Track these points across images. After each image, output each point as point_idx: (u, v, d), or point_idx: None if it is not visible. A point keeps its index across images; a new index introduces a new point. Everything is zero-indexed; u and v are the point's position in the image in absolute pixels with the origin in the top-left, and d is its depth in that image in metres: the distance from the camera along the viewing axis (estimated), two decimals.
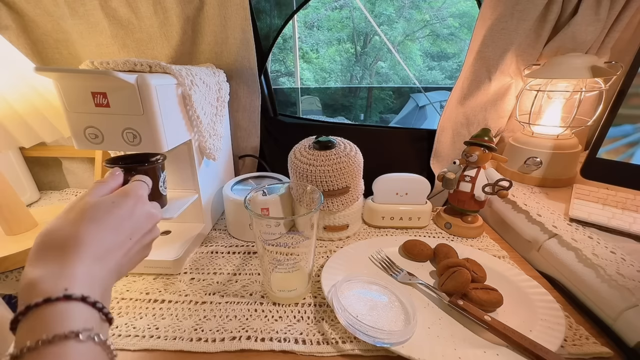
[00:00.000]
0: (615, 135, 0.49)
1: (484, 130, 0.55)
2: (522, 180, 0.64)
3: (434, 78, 5.32)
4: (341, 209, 0.53)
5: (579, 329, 0.37)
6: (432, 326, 0.37)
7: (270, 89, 0.80)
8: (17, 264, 0.48)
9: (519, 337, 0.32)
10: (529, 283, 0.43)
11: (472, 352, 0.33)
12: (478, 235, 0.57)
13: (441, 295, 0.39)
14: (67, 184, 0.81)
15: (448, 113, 0.71)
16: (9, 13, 0.58)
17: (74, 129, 0.39)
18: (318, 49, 5.34)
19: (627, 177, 0.49)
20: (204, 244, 0.55)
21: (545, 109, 0.65)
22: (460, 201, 0.57)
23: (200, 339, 0.36)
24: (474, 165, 0.55)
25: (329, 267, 0.45)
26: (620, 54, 0.62)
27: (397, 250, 0.51)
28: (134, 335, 0.36)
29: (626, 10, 0.55)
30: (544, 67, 0.60)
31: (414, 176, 0.57)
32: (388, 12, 5.11)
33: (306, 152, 0.51)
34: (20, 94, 0.45)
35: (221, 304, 0.41)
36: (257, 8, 0.68)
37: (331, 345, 0.35)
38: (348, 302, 0.37)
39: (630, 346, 0.34)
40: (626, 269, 0.39)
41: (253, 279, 0.46)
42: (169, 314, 0.39)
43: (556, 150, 0.60)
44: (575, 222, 0.49)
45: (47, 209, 0.60)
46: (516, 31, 0.60)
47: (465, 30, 4.93)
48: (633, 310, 0.35)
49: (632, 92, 0.47)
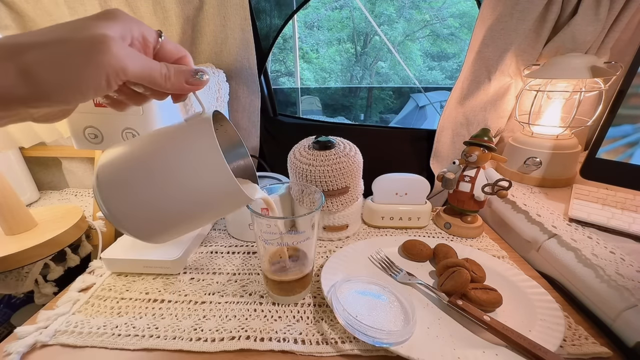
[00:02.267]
0: (615, 135, 0.49)
1: (484, 130, 0.55)
2: (521, 180, 0.64)
3: (434, 78, 5.31)
4: (341, 209, 0.53)
5: (578, 329, 0.37)
6: (431, 326, 0.37)
7: (270, 89, 0.80)
8: (17, 263, 0.48)
9: (518, 337, 0.33)
10: (529, 283, 0.43)
11: (471, 352, 0.33)
12: (477, 235, 0.57)
13: (440, 295, 0.39)
14: (67, 184, 0.81)
15: (448, 113, 0.71)
16: (9, 13, 0.58)
17: (73, 129, 0.40)
18: (318, 49, 5.34)
19: (627, 177, 0.49)
20: (204, 244, 0.55)
21: (545, 109, 0.65)
22: (459, 201, 0.57)
23: (200, 338, 0.36)
24: (474, 165, 0.55)
25: (329, 267, 0.45)
26: (620, 54, 0.62)
27: (396, 250, 0.51)
28: (134, 335, 0.36)
29: (626, 10, 0.55)
30: (543, 67, 0.60)
31: (414, 176, 0.57)
32: (388, 12, 5.11)
33: (306, 152, 0.51)
34: None
35: (221, 303, 0.41)
36: (257, 8, 0.68)
37: (330, 345, 0.35)
38: (347, 302, 0.37)
39: (629, 346, 0.34)
40: (625, 269, 0.39)
41: (252, 279, 0.46)
42: (168, 313, 0.39)
43: (556, 150, 0.60)
44: (574, 222, 0.49)
45: (47, 209, 0.60)
46: (516, 31, 0.60)
47: (465, 30, 4.93)
48: (632, 310, 0.35)
49: (632, 92, 0.47)
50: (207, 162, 0.24)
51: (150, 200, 0.24)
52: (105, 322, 0.38)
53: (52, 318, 0.38)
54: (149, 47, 0.23)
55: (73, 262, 0.58)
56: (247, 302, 0.41)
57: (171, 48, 0.24)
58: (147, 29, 0.22)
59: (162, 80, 0.23)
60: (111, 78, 0.19)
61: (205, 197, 0.25)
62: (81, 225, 0.57)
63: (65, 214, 0.58)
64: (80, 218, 0.57)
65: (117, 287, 0.44)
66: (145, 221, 0.25)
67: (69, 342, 0.35)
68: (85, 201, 0.74)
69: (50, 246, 0.51)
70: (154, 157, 0.25)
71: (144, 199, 0.24)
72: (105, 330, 0.37)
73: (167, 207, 0.25)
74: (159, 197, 0.24)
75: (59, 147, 0.74)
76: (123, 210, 0.24)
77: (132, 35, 0.21)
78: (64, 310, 0.39)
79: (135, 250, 0.48)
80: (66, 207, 0.61)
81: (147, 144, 0.26)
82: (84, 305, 0.41)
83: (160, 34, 0.24)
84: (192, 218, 0.26)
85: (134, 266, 0.46)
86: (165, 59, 0.24)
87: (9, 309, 0.64)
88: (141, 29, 0.22)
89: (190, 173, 0.24)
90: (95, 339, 0.36)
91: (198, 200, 0.25)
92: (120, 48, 0.20)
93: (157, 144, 0.25)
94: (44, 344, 0.35)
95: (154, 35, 0.23)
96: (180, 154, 0.24)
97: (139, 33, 0.22)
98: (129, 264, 0.46)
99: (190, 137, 0.25)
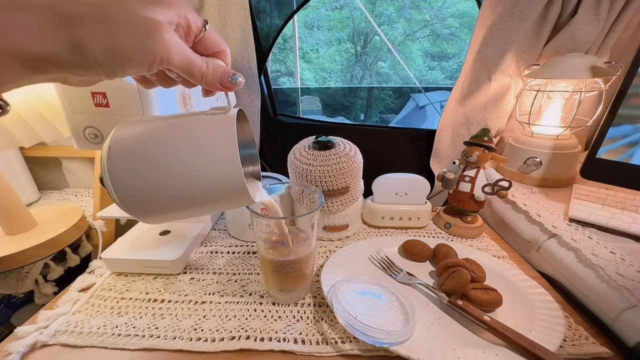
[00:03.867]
0: (615, 135, 0.49)
1: (484, 130, 0.55)
2: (521, 181, 0.64)
3: (434, 78, 5.31)
4: (341, 209, 0.53)
5: (578, 329, 0.37)
6: (431, 326, 0.37)
7: (270, 89, 0.80)
8: (17, 263, 0.48)
9: (518, 337, 0.32)
10: (529, 283, 0.43)
11: (471, 352, 0.33)
12: (477, 236, 0.57)
13: (440, 295, 0.39)
14: (67, 184, 0.81)
15: (448, 113, 0.71)
16: None
17: (73, 129, 0.39)
18: (318, 49, 5.34)
19: (627, 177, 0.49)
20: (204, 244, 0.55)
21: (545, 109, 0.65)
22: (459, 201, 0.57)
23: (200, 338, 0.36)
24: (474, 165, 0.55)
25: (329, 267, 0.45)
26: (620, 54, 0.62)
27: (396, 250, 0.51)
28: (134, 335, 0.36)
29: (626, 10, 0.55)
30: (543, 67, 0.60)
31: (414, 176, 0.57)
32: (388, 12, 5.11)
33: (306, 152, 0.51)
34: (20, 94, 0.45)
35: (221, 303, 0.41)
36: (257, 8, 0.68)
37: (330, 345, 0.35)
38: (347, 302, 0.37)
39: (629, 346, 0.34)
40: (625, 269, 0.39)
41: (252, 278, 0.46)
42: (168, 313, 0.39)
43: (556, 150, 0.60)
44: (574, 222, 0.49)
45: (47, 209, 0.60)
46: (516, 31, 0.60)
47: (466, 30, 4.93)
48: (632, 310, 0.35)
49: (632, 92, 0.47)
50: (222, 159, 0.24)
51: (157, 181, 0.25)
52: (105, 322, 0.38)
53: (52, 318, 0.38)
54: (190, 35, 0.23)
55: (73, 262, 0.58)
56: (247, 302, 0.41)
57: (212, 40, 0.25)
58: (194, 17, 0.23)
59: (199, 76, 0.23)
60: (155, 64, 0.20)
61: (211, 190, 0.25)
62: (81, 225, 0.57)
63: (65, 214, 0.58)
64: (80, 218, 0.57)
65: (117, 287, 0.44)
66: (146, 200, 0.26)
67: (69, 342, 0.35)
68: (85, 201, 0.74)
69: (50, 246, 0.51)
70: (171, 142, 0.25)
71: (152, 179, 0.25)
72: (105, 330, 0.37)
73: (172, 193, 0.25)
74: (167, 181, 0.25)
75: (59, 147, 0.74)
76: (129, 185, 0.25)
77: (179, 21, 0.21)
78: (64, 310, 0.39)
79: (135, 250, 0.48)
80: (66, 207, 0.61)
81: (166, 127, 0.26)
82: (84, 305, 0.41)
83: (205, 24, 0.24)
84: (192, 207, 0.27)
85: (134, 266, 0.46)
86: (204, 48, 0.25)
87: (9, 308, 0.64)
88: (189, 16, 0.22)
89: (203, 165, 0.25)
90: (96, 338, 0.36)
91: (203, 192, 0.25)
92: (170, 37, 0.20)
93: (176, 129, 0.26)
94: (44, 344, 0.35)
95: (199, 25, 0.23)
96: (198, 145, 0.25)
97: (186, 20, 0.22)
98: (129, 264, 0.46)
99: (211, 130, 0.25)
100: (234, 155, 0.24)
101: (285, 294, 0.41)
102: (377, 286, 0.41)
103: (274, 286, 0.41)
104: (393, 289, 0.40)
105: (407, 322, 0.35)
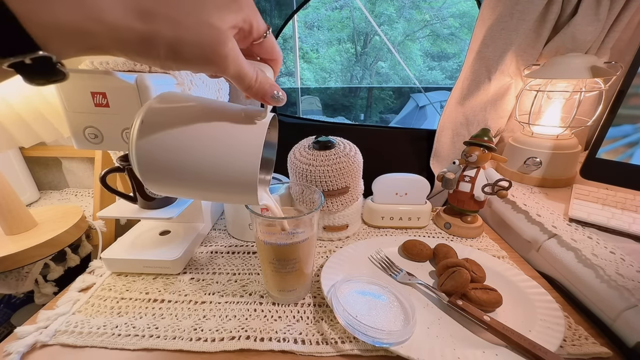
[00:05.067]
0: (615, 135, 0.49)
1: (484, 130, 0.55)
2: (521, 181, 0.64)
3: (434, 78, 5.32)
4: (341, 209, 0.53)
5: (578, 329, 0.37)
6: (431, 326, 0.37)
7: None
8: (17, 263, 0.48)
9: (518, 337, 0.33)
10: (529, 283, 0.43)
11: (471, 352, 0.33)
12: (477, 236, 0.57)
13: (440, 296, 0.39)
14: (67, 184, 0.81)
15: (448, 113, 0.71)
16: None
17: (73, 129, 0.39)
18: (318, 49, 5.34)
19: (627, 177, 0.49)
20: (204, 244, 0.55)
21: (545, 109, 0.65)
22: (459, 201, 0.57)
23: (200, 338, 0.36)
24: (474, 165, 0.55)
25: (329, 267, 0.45)
26: (620, 54, 0.62)
27: (396, 250, 0.51)
28: (134, 335, 0.36)
29: (626, 10, 0.55)
30: (543, 67, 0.60)
31: (414, 176, 0.57)
32: (388, 12, 5.11)
33: (306, 152, 0.51)
34: (20, 94, 0.45)
35: (220, 303, 0.41)
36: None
37: (330, 345, 0.35)
38: (347, 302, 0.37)
39: (629, 346, 0.34)
40: (625, 269, 0.39)
41: (252, 278, 0.46)
42: (168, 313, 0.39)
43: (556, 150, 0.60)
44: (574, 222, 0.49)
45: (47, 209, 0.60)
46: (516, 31, 0.60)
47: (466, 30, 4.93)
48: (632, 310, 0.35)
49: (632, 92, 0.47)
50: (244, 162, 0.26)
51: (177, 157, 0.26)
52: (105, 322, 0.38)
53: (52, 318, 0.38)
54: (249, 39, 0.23)
55: (73, 262, 0.58)
56: (247, 302, 0.41)
57: (269, 46, 0.25)
58: (258, 23, 0.23)
59: (247, 86, 0.24)
60: (210, 71, 0.22)
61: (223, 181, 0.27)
62: (81, 225, 0.57)
63: (65, 214, 0.58)
64: (80, 218, 0.57)
65: (117, 287, 0.44)
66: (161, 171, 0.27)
67: (69, 342, 0.35)
68: (85, 201, 0.74)
69: (50, 246, 0.51)
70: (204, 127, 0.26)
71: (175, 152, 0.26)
72: (105, 330, 0.37)
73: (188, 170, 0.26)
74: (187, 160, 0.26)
75: (59, 147, 0.74)
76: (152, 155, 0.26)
77: (244, 26, 0.22)
78: (64, 310, 0.39)
79: (135, 250, 0.48)
80: (66, 207, 0.61)
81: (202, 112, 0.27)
82: (84, 305, 0.41)
83: (267, 30, 0.24)
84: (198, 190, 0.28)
85: (134, 266, 0.46)
86: (259, 53, 0.25)
87: (9, 309, 0.64)
88: (253, 22, 0.22)
89: (224, 161, 0.26)
90: (95, 338, 0.36)
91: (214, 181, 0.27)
92: (230, 50, 0.21)
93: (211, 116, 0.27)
94: (44, 344, 0.35)
95: (261, 31, 0.24)
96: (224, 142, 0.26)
97: (249, 25, 0.22)
98: (129, 264, 0.46)
99: (242, 127, 0.26)
100: (255, 158, 0.25)
101: (285, 294, 0.41)
102: (377, 286, 0.41)
103: (274, 286, 0.41)
104: (393, 289, 0.40)
105: (407, 322, 0.35)
